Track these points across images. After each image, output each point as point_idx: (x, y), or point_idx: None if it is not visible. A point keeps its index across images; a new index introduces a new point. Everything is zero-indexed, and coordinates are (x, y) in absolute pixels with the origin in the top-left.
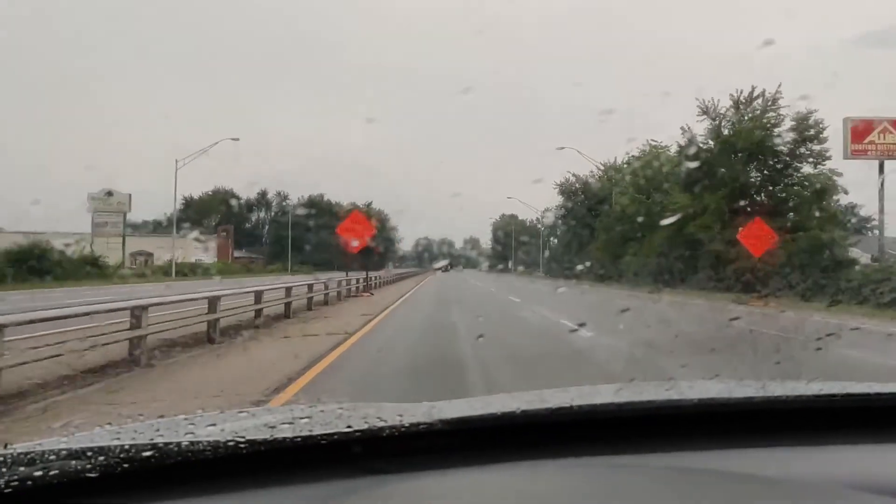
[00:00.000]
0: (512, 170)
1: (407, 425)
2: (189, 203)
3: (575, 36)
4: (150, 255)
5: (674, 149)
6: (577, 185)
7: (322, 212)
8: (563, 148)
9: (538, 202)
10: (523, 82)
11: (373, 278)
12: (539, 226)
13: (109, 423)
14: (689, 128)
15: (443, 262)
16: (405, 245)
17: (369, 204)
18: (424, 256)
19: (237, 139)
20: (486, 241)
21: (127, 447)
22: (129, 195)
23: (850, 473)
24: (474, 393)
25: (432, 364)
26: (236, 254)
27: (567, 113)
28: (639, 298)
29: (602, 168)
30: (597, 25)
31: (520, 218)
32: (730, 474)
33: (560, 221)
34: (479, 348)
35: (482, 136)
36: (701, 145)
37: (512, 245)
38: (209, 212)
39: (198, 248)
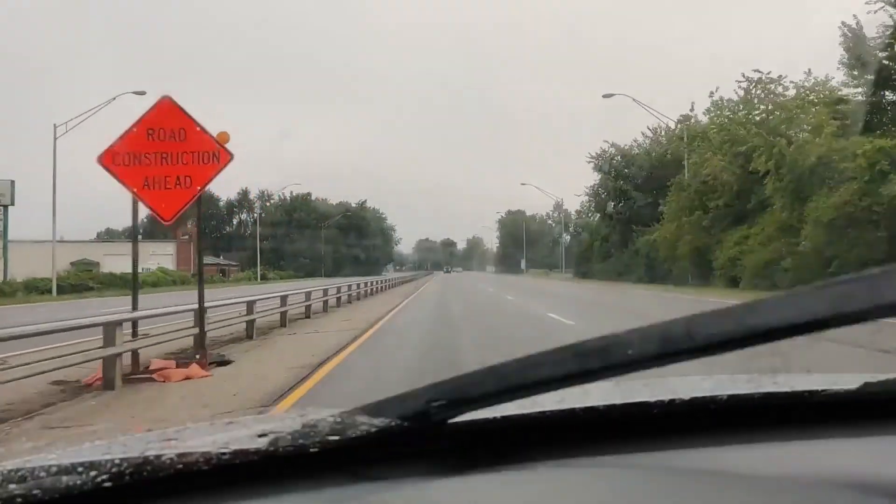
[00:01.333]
0: (514, 167)
1: (400, 432)
2: None
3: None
4: (96, 264)
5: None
6: (617, 158)
7: (310, 213)
8: (611, 95)
9: (552, 192)
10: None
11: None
12: (550, 221)
13: (99, 439)
14: (859, 22)
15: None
16: (405, 247)
17: (363, 202)
18: (424, 245)
19: (143, 93)
20: (489, 240)
21: (118, 461)
22: (12, 182)
23: (846, 468)
24: None
25: None
26: (211, 260)
27: (568, 108)
28: None
29: (661, 125)
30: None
31: (528, 214)
32: (722, 473)
33: (592, 208)
34: None
35: (482, 136)
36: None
37: (523, 242)
38: (185, 216)
39: (154, 254)
